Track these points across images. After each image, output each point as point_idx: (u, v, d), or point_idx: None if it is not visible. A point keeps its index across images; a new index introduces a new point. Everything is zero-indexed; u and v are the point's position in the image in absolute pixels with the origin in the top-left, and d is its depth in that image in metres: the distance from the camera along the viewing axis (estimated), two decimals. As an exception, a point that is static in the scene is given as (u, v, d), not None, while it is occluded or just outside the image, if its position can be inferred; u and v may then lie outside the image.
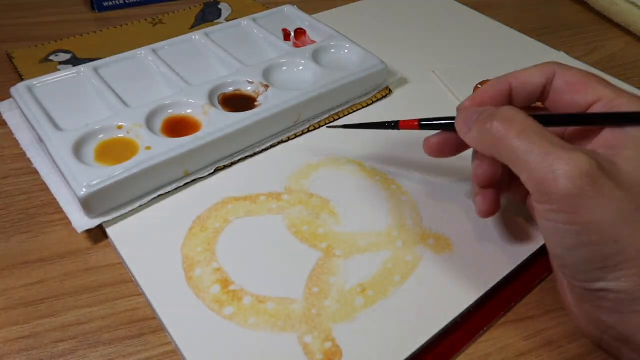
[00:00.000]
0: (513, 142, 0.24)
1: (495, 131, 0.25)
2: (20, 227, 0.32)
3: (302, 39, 0.47)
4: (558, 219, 0.23)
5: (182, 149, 0.33)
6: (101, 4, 0.53)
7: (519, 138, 0.24)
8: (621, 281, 0.22)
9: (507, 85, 0.28)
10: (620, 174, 0.23)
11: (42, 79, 0.38)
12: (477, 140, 0.26)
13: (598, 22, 0.58)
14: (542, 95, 0.29)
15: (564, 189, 0.22)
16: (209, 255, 0.30)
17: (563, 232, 0.23)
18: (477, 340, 0.28)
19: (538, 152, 0.23)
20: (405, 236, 0.32)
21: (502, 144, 0.24)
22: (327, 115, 0.40)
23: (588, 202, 0.22)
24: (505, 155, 0.24)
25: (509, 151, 0.24)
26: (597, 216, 0.22)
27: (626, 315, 0.23)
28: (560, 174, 0.22)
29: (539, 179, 0.23)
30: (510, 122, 0.24)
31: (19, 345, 0.26)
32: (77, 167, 0.31)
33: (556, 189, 0.22)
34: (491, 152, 0.26)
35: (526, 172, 0.23)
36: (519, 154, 0.24)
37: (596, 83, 0.27)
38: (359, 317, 0.27)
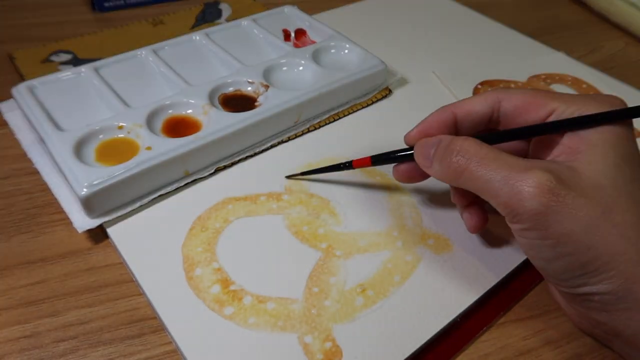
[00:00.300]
0: (475, 171, 0.25)
1: (455, 166, 0.25)
2: (21, 227, 0.32)
3: (302, 39, 0.47)
4: (531, 235, 0.24)
5: (183, 149, 0.33)
6: (102, 5, 0.54)
7: (480, 166, 0.25)
8: (603, 284, 0.23)
9: (451, 114, 0.29)
10: (582, 179, 0.24)
11: (43, 79, 0.38)
12: (440, 174, 0.27)
13: (598, 23, 0.58)
14: (491, 122, 0.29)
15: (530, 208, 0.23)
16: (209, 255, 0.30)
17: (539, 246, 0.24)
18: (477, 340, 0.28)
19: (499, 179, 0.24)
20: (405, 236, 0.32)
21: (466, 175, 0.25)
22: (327, 115, 0.40)
23: (555, 216, 0.23)
24: (470, 186, 0.25)
25: (472, 182, 0.25)
26: (567, 228, 0.23)
27: (614, 313, 0.24)
28: (523, 196, 0.23)
29: (505, 203, 0.24)
30: (468, 153, 0.25)
31: (20, 344, 0.26)
32: (78, 167, 0.31)
33: (523, 210, 0.23)
34: (456, 184, 0.26)
35: (492, 198, 0.24)
36: (482, 183, 0.25)
37: (544, 99, 0.27)
38: (359, 317, 0.27)
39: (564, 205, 0.23)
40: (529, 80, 0.46)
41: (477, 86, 0.45)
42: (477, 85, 0.45)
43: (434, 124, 0.29)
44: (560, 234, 0.23)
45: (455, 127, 0.29)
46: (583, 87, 0.45)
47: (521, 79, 0.46)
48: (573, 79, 0.46)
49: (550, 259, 0.24)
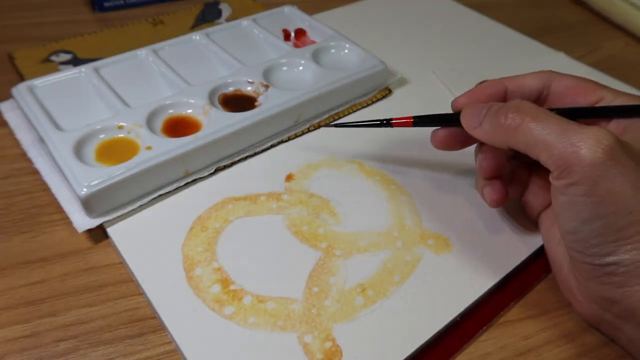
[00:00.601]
0: (530, 126, 0.25)
1: (510, 121, 0.26)
2: (21, 226, 0.32)
3: (302, 39, 0.47)
4: (577, 192, 0.24)
5: (183, 149, 0.33)
6: (102, 4, 0.54)
7: (535, 122, 0.25)
8: (632, 253, 0.23)
9: (502, 86, 0.29)
10: (633, 149, 0.24)
11: (43, 79, 0.38)
12: (489, 133, 0.27)
13: (598, 22, 0.58)
14: (538, 100, 0.29)
15: (587, 159, 0.23)
16: (209, 255, 0.30)
17: (580, 204, 0.24)
18: (477, 340, 0.28)
19: (557, 131, 0.24)
20: (405, 236, 0.32)
21: (519, 131, 0.25)
22: (327, 115, 0.40)
23: (608, 172, 0.23)
24: (523, 141, 0.25)
25: (527, 136, 0.25)
26: (617, 187, 0.23)
27: (633, 288, 0.24)
28: (582, 146, 0.23)
29: (560, 154, 0.24)
30: (524, 111, 0.25)
31: (19, 344, 0.26)
32: (78, 167, 0.31)
33: (577, 161, 0.23)
34: (506, 143, 0.26)
35: (546, 151, 0.24)
36: (537, 135, 0.24)
37: (595, 86, 0.28)
38: (359, 317, 0.27)
39: (619, 163, 0.23)
40: (529, 80, 0.46)
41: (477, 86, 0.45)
42: (477, 85, 0.45)
43: (485, 92, 0.29)
44: (607, 192, 0.23)
45: (504, 99, 0.29)
46: (583, 87, 0.45)
47: (521, 79, 0.46)
48: (573, 79, 0.46)
49: (587, 220, 0.24)
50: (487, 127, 0.27)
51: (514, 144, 0.26)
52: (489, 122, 0.27)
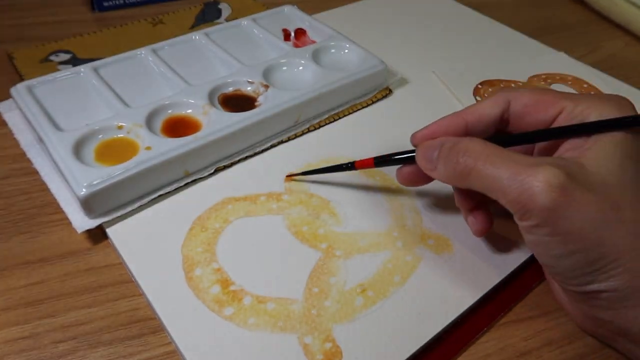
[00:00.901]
0: (482, 171, 0.25)
1: (462, 167, 0.25)
2: (21, 227, 0.32)
3: (302, 39, 0.47)
4: (541, 232, 0.24)
5: (182, 149, 0.33)
6: (101, 4, 0.53)
7: (486, 167, 0.24)
8: (611, 281, 0.23)
9: (462, 121, 0.28)
10: (590, 175, 0.24)
11: (42, 79, 0.38)
12: (444, 176, 0.27)
13: (598, 22, 0.58)
14: (501, 123, 0.29)
15: (540, 204, 0.23)
16: (209, 256, 0.30)
17: (548, 243, 0.24)
18: (477, 341, 0.28)
19: (507, 176, 0.24)
20: (405, 236, 0.32)
21: (472, 176, 0.25)
22: (327, 115, 0.40)
23: (564, 212, 0.23)
24: (478, 185, 0.25)
25: (480, 181, 0.25)
26: (576, 224, 0.23)
27: (621, 310, 0.24)
28: (533, 192, 0.23)
29: (515, 200, 0.23)
30: (474, 154, 0.25)
31: (19, 345, 0.26)
32: (77, 167, 0.31)
33: (533, 206, 0.23)
34: (462, 185, 0.26)
35: (501, 196, 0.24)
36: (490, 182, 0.24)
37: (554, 97, 0.27)
38: (359, 318, 0.27)
39: (574, 201, 0.23)
40: (529, 80, 0.46)
41: (477, 86, 0.45)
42: (477, 85, 0.45)
43: (443, 129, 0.28)
44: (570, 231, 0.23)
45: (465, 133, 0.28)
46: (584, 86, 0.45)
47: (521, 79, 0.46)
48: (573, 78, 0.46)
49: (559, 256, 0.24)
50: (442, 169, 0.27)
51: (471, 187, 0.26)
52: (443, 166, 0.26)
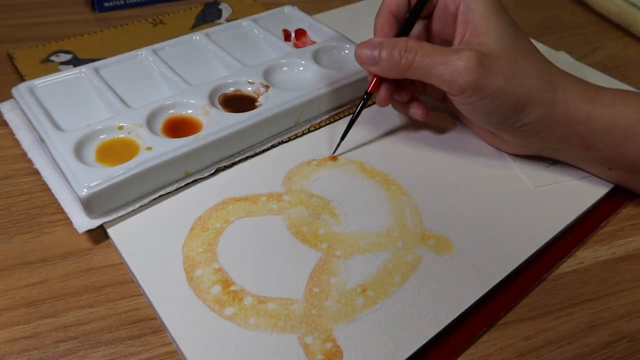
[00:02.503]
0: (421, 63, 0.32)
1: (404, 61, 0.32)
2: (21, 227, 0.32)
3: (303, 39, 0.47)
4: (474, 99, 0.32)
5: (183, 150, 0.33)
6: (102, 5, 0.54)
7: (424, 59, 0.32)
8: (531, 114, 0.32)
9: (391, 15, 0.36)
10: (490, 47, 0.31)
11: (43, 80, 0.38)
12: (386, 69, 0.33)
13: (598, 22, 0.58)
14: None
15: (469, 78, 0.31)
16: (210, 256, 0.30)
17: (480, 105, 0.32)
18: (477, 340, 0.28)
19: (440, 62, 0.31)
20: (405, 236, 0.32)
21: (413, 68, 0.32)
22: (328, 115, 0.40)
23: (487, 79, 0.31)
24: (417, 75, 0.32)
25: (420, 71, 0.32)
26: (496, 84, 0.31)
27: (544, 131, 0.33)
28: (461, 71, 0.30)
29: (448, 81, 0.31)
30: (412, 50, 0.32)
31: (20, 345, 0.26)
32: (78, 167, 0.31)
33: (463, 81, 0.31)
34: (402, 75, 0.33)
35: (437, 79, 0.32)
36: (428, 70, 0.32)
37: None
38: (360, 318, 0.27)
39: (490, 69, 0.31)
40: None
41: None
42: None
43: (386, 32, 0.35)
44: (493, 90, 0.31)
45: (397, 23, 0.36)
46: (583, 87, 0.45)
47: (521, 79, 0.46)
48: (573, 79, 0.46)
49: (491, 112, 0.32)
50: (384, 65, 0.33)
51: (409, 77, 0.33)
52: (386, 62, 0.33)
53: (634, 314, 0.30)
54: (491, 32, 0.32)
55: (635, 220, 0.35)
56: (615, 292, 0.31)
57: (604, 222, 0.35)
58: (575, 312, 0.30)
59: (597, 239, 0.34)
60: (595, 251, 0.33)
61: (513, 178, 0.36)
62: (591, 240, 0.34)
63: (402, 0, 0.36)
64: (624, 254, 0.33)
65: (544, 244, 0.32)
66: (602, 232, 0.34)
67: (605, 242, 0.34)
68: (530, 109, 0.32)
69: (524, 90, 0.31)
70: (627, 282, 0.31)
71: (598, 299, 0.30)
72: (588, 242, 0.34)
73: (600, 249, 0.33)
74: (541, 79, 0.32)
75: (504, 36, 0.32)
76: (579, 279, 0.31)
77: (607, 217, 0.35)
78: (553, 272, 0.32)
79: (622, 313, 0.30)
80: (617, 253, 0.33)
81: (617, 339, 0.28)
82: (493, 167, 0.37)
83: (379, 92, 0.36)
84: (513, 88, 0.31)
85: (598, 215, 0.35)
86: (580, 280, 0.31)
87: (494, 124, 0.34)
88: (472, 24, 0.33)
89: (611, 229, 0.34)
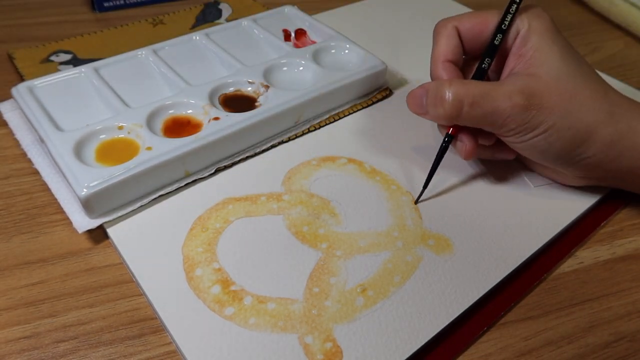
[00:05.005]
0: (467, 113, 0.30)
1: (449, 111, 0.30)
2: (21, 227, 0.32)
3: (303, 39, 0.47)
4: (527, 138, 0.30)
5: (183, 149, 0.33)
6: (101, 4, 0.54)
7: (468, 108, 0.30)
8: (592, 148, 0.30)
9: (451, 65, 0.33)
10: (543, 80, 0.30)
11: (43, 80, 0.38)
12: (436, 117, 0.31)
13: (598, 23, 0.58)
14: None
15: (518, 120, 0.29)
16: (210, 256, 0.30)
17: (535, 142, 0.30)
18: (477, 340, 0.28)
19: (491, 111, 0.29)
20: (405, 236, 0.32)
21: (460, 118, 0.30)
22: (327, 115, 0.40)
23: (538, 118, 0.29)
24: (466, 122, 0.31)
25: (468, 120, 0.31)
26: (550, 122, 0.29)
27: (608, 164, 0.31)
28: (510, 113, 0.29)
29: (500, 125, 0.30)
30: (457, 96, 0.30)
31: (20, 345, 0.26)
32: (78, 167, 0.31)
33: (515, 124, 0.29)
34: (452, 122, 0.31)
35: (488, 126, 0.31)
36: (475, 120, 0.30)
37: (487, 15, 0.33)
38: (360, 318, 0.27)
39: (541, 108, 0.29)
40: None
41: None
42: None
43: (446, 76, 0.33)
44: (546, 129, 0.29)
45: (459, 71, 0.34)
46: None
47: (521, 79, 0.46)
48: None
49: (545, 149, 0.30)
50: (433, 113, 0.31)
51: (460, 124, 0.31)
52: (433, 111, 0.31)
53: (634, 314, 0.30)
54: (544, 63, 0.30)
55: (635, 220, 0.35)
56: (615, 292, 0.31)
57: (604, 222, 0.35)
58: (575, 312, 0.30)
59: (597, 239, 0.34)
60: (595, 251, 0.33)
61: (513, 178, 0.36)
62: (591, 240, 0.34)
63: (456, 44, 0.33)
64: (624, 254, 0.33)
65: (544, 244, 0.32)
66: (602, 232, 0.34)
67: (605, 242, 0.34)
68: (591, 143, 0.30)
69: (581, 124, 0.29)
70: (627, 282, 0.31)
71: (598, 299, 0.30)
72: (588, 242, 0.34)
73: (600, 249, 0.33)
74: (601, 112, 0.30)
75: (560, 67, 0.30)
76: (579, 279, 0.31)
77: (607, 217, 0.35)
78: (553, 272, 0.32)
79: (622, 313, 0.30)
80: (617, 253, 0.33)
81: (617, 339, 0.28)
82: (493, 166, 0.37)
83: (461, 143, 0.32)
84: (568, 124, 0.29)
85: (598, 215, 0.35)
86: (580, 280, 0.31)
87: (551, 161, 0.32)
88: (524, 57, 0.31)
89: (611, 229, 0.34)
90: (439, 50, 0.33)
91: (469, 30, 0.33)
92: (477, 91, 0.30)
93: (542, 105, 0.29)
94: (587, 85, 0.30)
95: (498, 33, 0.32)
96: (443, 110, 0.30)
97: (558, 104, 0.29)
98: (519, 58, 0.31)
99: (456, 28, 0.33)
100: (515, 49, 0.32)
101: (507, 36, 0.32)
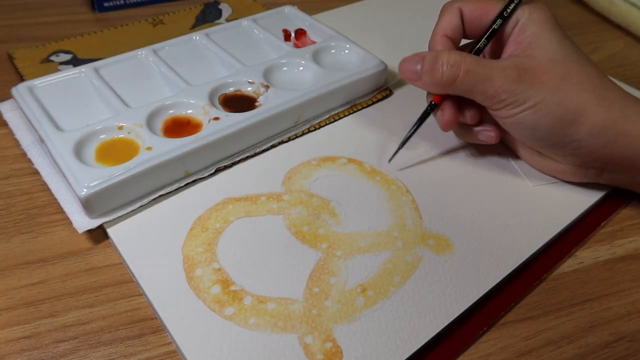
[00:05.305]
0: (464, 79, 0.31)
1: (446, 77, 0.31)
2: (21, 227, 0.32)
3: (303, 39, 0.47)
4: (516, 112, 0.31)
5: (183, 149, 0.33)
6: (101, 4, 0.54)
7: (465, 74, 0.31)
8: (582, 130, 0.30)
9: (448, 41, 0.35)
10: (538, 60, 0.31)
11: (43, 80, 0.38)
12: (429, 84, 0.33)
13: (598, 23, 0.58)
14: None
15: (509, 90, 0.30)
16: (210, 256, 0.30)
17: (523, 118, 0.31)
18: (477, 340, 0.28)
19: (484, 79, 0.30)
20: (405, 236, 0.32)
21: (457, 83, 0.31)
22: (328, 115, 0.40)
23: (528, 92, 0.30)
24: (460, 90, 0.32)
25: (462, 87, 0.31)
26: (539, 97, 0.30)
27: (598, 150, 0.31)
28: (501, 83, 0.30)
29: (491, 95, 0.31)
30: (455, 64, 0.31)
31: (20, 345, 0.26)
32: (78, 167, 0.31)
33: (506, 94, 0.30)
34: (444, 91, 0.33)
35: (480, 95, 0.31)
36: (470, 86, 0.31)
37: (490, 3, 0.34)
38: (360, 318, 0.27)
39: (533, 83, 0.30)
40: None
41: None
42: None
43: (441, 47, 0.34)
44: (535, 103, 0.30)
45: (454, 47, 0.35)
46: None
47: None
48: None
49: (534, 126, 0.31)
50: (427, 79, 0.32)
51: (452, 92, 0.32)
52: (428, 77, 0.32)
53: (634, 314, 0.30)
54: (541, 47, 0.31)
55: (635, 220, 0.35)
56: (615, 292, 0.31)
57: (604, 222, 0.35)
58: (575, 312, 0.30)
59: (597, 239, 0.34)
60: (595, 251, 0.33)
61: (513, 178, 0.36)
62: (591, 240, 0.34)
63: (457, 24, 0.35)
64: (624, 254, 0.33)
65: (544, 244, 0.32)
66: (602, 232, 0.34)
67: (605, 242, 0.34)
68: (580, 124, 0.30)
69: (571, 103, 0.30)
70: (627, 282, 0.31)
71: (598, 299, 0.30)
72: (588, 242, 0.34)
73: (600, 249, 0.33)
74: (594, 94, 0.30)
75: (556, 50, 0.31)
76: (579, 279, 0.31)
77: (607, 217, 0.35)
78: (553, 272, 0.32)
79: (622, 313, 0.30)
80: (617, 253, 0.33)
81: (617, 339, 0.28)
82: (493, 166, 0.37)
83: (442, 112, 0.34)
84: (558, 101, 0.30)
85: (598, 215, 0.35)
86: (580, 280, 0.31)
87: (539, 142, 0.32)
88: (523, 44, 0.32)
89: (611, 229, 0.34)
90: (440, 25, 0.35)
91: (471, 12, 0.35)
92: (473, 60, 0.31)
93: (534, 80, 0.30)
94: (581, 70, 0.31)
95: (498, 19, 0.33)
96: (440, 75, 0.31)
97: (550, 80, 0.30)
98: (517, 45, 0.32)
99: (460, 9, 0.35)
100: (514, 37, 0.33)
101: (507, 24, 0.33)
